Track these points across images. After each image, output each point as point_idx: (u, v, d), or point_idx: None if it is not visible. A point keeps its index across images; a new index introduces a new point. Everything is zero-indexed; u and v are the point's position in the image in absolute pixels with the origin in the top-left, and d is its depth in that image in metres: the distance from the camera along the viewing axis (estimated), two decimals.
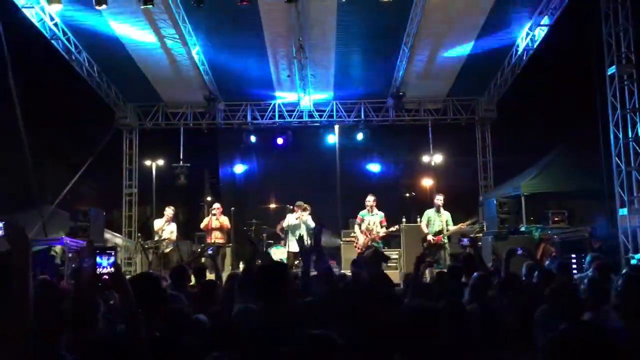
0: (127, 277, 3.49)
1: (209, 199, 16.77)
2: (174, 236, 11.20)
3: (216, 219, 11.17)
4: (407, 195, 15.28)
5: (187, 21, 10.52)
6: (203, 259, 12.02)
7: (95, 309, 2.98)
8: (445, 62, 12.44)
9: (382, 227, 10.50)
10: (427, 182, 15.09)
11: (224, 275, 6.81)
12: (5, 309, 1.93)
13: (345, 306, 3.21)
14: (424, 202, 16.63)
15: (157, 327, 3.01)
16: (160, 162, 17.07)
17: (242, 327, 2.96)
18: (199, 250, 10.87)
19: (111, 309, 3.35)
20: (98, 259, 2.70)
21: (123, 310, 2.74)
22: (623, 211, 8.70)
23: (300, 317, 3.00)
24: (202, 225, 11.54)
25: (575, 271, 8.10)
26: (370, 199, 10.65)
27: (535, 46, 11.47)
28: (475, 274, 4.86)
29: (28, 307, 1.93)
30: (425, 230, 10.67)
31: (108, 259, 2.73)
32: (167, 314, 3.18)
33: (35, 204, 11.05)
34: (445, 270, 6.68)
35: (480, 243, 10.51)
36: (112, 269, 2.70)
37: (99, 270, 2.69)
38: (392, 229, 10.82)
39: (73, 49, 11.43)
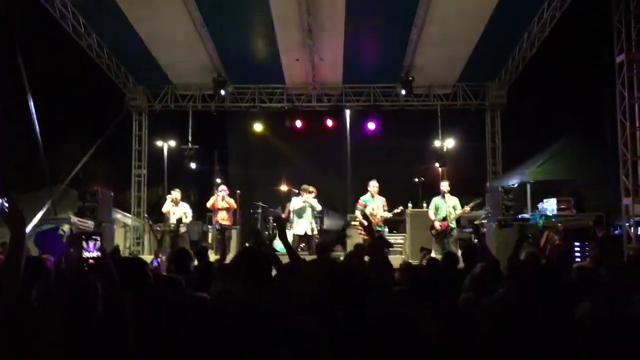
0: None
1: (218, 180, 16.86)
2: (188, 217, 11.27)
3: (222, 199, 11.27)
4: (416, 180, 15.24)
5: (196, 4, 10.54)
6: (211, 238, 12.24)
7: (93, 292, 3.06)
8: (456, 47, 12.33)
9: (384, 210, 10.53)
10: (435, 168, 15.02)
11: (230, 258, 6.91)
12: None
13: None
14: (433, 188, 16.62)
15: (144, 309, 3.11)
16: (172, 143, 17.22)
17: (221, 310, 3.03)
18: (171, 227, 10.87)
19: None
20: (84, 244, 2.78)
21: (109, 293, 2.83)
22: (627, 200, 8.65)
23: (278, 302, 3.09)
24: (208, 204, 11.66)
25: (579, 259, 8.13)
26: (374, 185, 10.67)
27: (546, 32, 11.34)
28: (478, 265, 4.84)
29: (18, 275, 2.21)
30: (433, 218, 10.71)
31: (94, 244, 2.81)
32: (155, 298, 3.26)
33: (47, 183, 11.23)
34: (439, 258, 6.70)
35: (485, 229, 10.53)
36: (98, 254, 2.78)
37: (85, 254, 2.78)
38: (396, 210, 10.83)
39: (82, 30, 11.51)
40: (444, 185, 10.82)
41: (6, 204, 2.29)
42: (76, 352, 2.49)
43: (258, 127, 14.96)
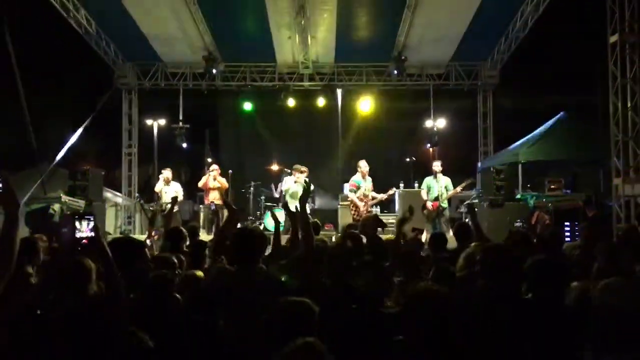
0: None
1: (209, 160, 16.77)
2: (180, 196, 11.13)
3: (214, 179, 11.23)
4: (407, 160, 15.23)
5: None
6: (202, 218, 12.20)
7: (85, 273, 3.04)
8: (449, 26, 12.25)
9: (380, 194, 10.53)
10: (427, 148, 15.04)
11: None
12: None
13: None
14: (424, 168, 16.63)
15: (138, 289, 3.10)
16: (162, 121, 17.06)
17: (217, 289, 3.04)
18: (162, 206, 10.83)
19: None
20: (77, 224, 2.75)
21: (104, 273, 2.81)
22: (617, 181, 8.71)
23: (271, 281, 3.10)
24: (199, 184, 11.62)
25: (568, 239, 8.18)
26: (365, 165, 10.58)
27: (540, 12, 11.28)
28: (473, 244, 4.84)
29: (13, 253, 2.21)
30: (425, 198, 10.72)
31: (87, 224, 2.79)
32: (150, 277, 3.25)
33: (35, 162, 11.12)
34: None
35: (476, 209, 10.57)
36: (91, 234, 2.75)
37: (78, 234, 2.75)
38: (390, 192, 10.84)
39: (71, 6, 11.30)
40: (437, 165, 10.81)
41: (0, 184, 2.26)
42: (71, 333, 2.47)
43: (248, 106, 14.86)
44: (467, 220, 10.42)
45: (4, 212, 2.24)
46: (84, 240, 2.72)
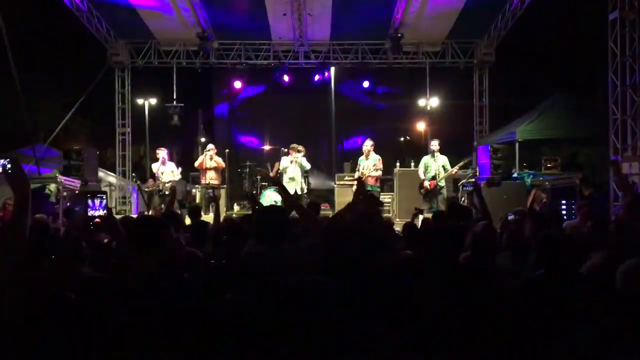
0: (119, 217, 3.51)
1: (202, 139, 16.68)
2: (177, 176, 11.19)
3: (210, 159, 11.16)
4: (402, 139, 15.23)
5: None
6: (198, 199, 12.16)
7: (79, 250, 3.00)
8: (445, 3, 12.13)
9: (375, 170, 10.48)
10: (422, 127, 15.01)
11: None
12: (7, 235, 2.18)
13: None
14: (419, 147, 16.65)
15: (152, 266, 3.05)
16: (153, 101, 16.88)
17: (249, 269, 3.02)
18: (160, 186, 10.82)
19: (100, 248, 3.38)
20: (90, 202, 2.70)
21: (116, 250, 2.78)
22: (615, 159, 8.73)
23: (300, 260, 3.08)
24: (195, 164, 11.55)
25: (564, 217, 8.22)
26: (367, 144, 10.61)
27: None
28: (479, 224, 4.83)
29: (24, 237, 2.19)
30: (422, 177, 10.72)
31: (100, 203, 2.74)
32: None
33: (28, 142, 10.97)
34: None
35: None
36: (104, 212, 2.71)
37: (90, 212, 2.71)
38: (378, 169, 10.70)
39: None
40: (434, 144, 10.80)
41: (9, 165, 2.21)
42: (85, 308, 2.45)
43: (238, 84, 14.70)
44: (463, 199, 10.48)
45: (15, 194, 2.20)
46: (96, 220, 2.67)
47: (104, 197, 2.71)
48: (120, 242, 2.66)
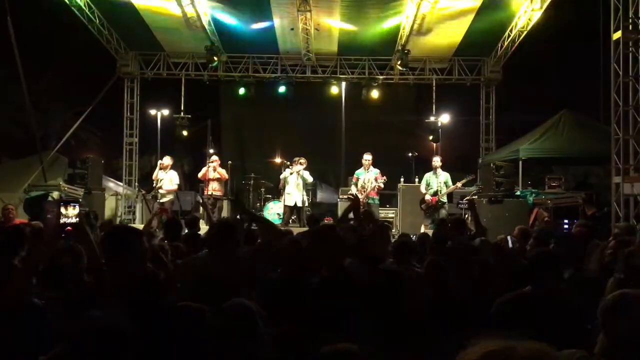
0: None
1: (211, 151, 16.77)
2: (173, 185, 10.93)
3: (213, 170, 11.21)
4: (410, 155, 15.16)
5: None
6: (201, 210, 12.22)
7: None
8: (453, 21, 12.18)
9: (377, 182, 10.48)
10: (429, 143, 14.99)
11: None
12: None
13: None
14: (426, 163, 16.55)
15: (124, 278, 3.10)
16: (165, 111, 17.03)
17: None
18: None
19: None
20: (62, 210, 2.75)
21: (88, 260, 2.82)
22: (617, 179, 8.65)
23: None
24: (199, 175, 11.61)
25: None
26: (366, 157, 10.63)
27: (543, 8, 11.22)
28: (477, 239, 4.85)
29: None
30: (424, 192, 10.70)
31: (73, 210, 2.79)
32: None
33: (37, 149, 11.14)
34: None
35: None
36: (75, 220, 2.76)
37: (63, 220, 2.75)
38: (381, 181, 10.67)
39: None
40: (436, 160, 10.79)
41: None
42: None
43: (242, 90, 14.61)
44: (466, 216, 10.44)
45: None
46: (68, 228, 2.71)
47: (77, 205, 2.75)
48: (91, 251, 2.70)
